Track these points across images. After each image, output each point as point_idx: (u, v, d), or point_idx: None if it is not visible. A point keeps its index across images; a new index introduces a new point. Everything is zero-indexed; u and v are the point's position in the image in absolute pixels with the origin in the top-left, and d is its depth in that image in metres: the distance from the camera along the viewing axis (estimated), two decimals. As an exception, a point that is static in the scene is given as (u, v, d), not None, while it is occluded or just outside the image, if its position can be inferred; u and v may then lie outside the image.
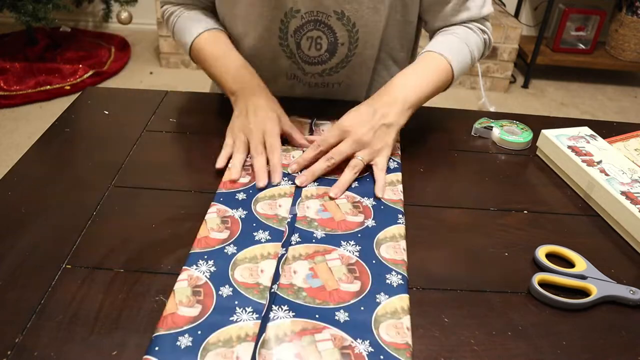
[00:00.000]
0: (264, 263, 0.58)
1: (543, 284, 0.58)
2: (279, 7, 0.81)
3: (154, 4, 2.59)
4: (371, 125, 0.72)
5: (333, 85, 0.93)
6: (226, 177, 0.71)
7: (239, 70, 0.83)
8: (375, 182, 0.70)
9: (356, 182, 0.72)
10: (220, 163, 0.72)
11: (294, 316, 0.52)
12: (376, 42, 0.87)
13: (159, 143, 0.80)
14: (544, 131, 0.81)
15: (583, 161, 0.74)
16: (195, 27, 0.87)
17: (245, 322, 0.51)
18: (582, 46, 2.85)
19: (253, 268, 0.57)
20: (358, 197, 0.69)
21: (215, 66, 0.84)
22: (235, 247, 0.60)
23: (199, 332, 0.50)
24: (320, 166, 0.71)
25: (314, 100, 0.94)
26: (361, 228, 0.64)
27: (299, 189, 0.70)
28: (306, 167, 0.72)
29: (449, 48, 0.82)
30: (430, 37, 0.90)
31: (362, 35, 0.85)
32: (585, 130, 0.83)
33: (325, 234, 0.62)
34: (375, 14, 0.82)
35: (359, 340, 0.50)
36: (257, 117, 0.76)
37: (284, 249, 0.60)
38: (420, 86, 0.78)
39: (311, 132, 0.82)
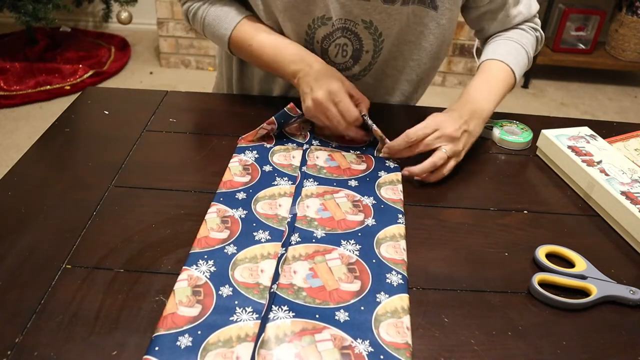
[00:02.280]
0: (264, 263, 0.58)
1: (543, 284, 0.58)
2: (308, 12, 0.81)
3: (154, 4, 2.59)
4: (459, 126, 0.75)
5: None
6: (226, 176, 0.71)
7: (291, 50, 0.83)
8: (428, 159, 0.73)
9: (356, 182, 0.72)
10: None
11: (294, 316, 0.52)
12: (399, 55, 0.88)
13: (159, 143, 0.80)
14: (544, 131, 0.81)
15: (583, 161, 0.74)
16: (231, 17, 0.85)
17: (245, 322, 0.51)
18: (582, 46, 2.85)
19: (253, 268, 0.57)
20: (358, 196, 0.69)
21: (266, 54, 0.83)
22: (235, 247, 0.60)
23: (199, 332, 0.50)
24: (404, 153, 0.75)
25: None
26: (361, 227, 0.64)
27: (299, 187, 0.70)
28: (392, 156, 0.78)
29: (507, 53, 0.85)
30: (483, 44, 0.93)
31: (386, 45, 0.86)
32: (585, 130, 0.83)
33: (325, 233, 0.62)
34: (400, 23, 0.83)
35: (359, 340, 0.50)
36: (322, 87, 0.77)
37: (284, 248, 0.60)
38: (494, 96, 0.82)
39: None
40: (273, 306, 0.53)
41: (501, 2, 0.87)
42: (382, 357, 0.49)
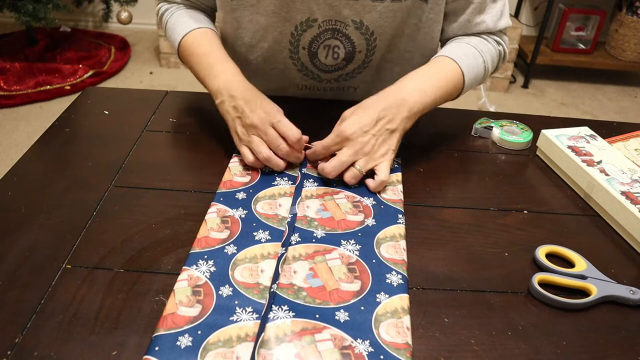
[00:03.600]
0: (264, 263, 0.58)
1: (543, 284, 0.58)
2: (290, 19, 0.80)
3: (154, 4, 2.58)
4: (373, 133, 0.69)
5: (349, 89, 0.93)
6: (226, 176, 0.71)
7: (225, 65, 0.78)
8: (375, 178, 0.69)
9: (356, 182, 0.71)
10: (252, 163, 0.71)
11: (294, 316, 0.52)
12: (394, 48, 0.87)
13: (159, 143, 0.80)
14: (544, 131, 0.81)
15: (583, 161, 0.74)
16: (187, 24, 0.84)
17: (245, 322, 0.51)
18: (582, 46, 2.85)
19: (253, 268, 0.57)
20: (358, 197, 0.69)
21: (202, 64, 0.80)
22: (235, 247, 0.60)
23: (199, 332, 0.50)
24: (325, 172, 0.69)
25: (324, 102, 0.93)
26: (361, 227, 0.64)
27: (299, 188, 0.70)
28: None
29: (463, 54, 0.80)
30: (443, 46, 0.88)
31: (379, 43, 0.84)
32: (585, 130, 0.83)
33: (325, 233, 0.62)
34: (393, 21, 0.82)
35: (359, 340, 0.50)
36: (255, 110, 0.71)
37: (284, 248, 0.60)
38: (430, 91, 0.75)
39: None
40: (273, 306, 0.53)
41: (464, 3, 0.82)
42: (382, 357, 0.49)
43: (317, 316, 0.52)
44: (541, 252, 0.62)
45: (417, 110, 0.73)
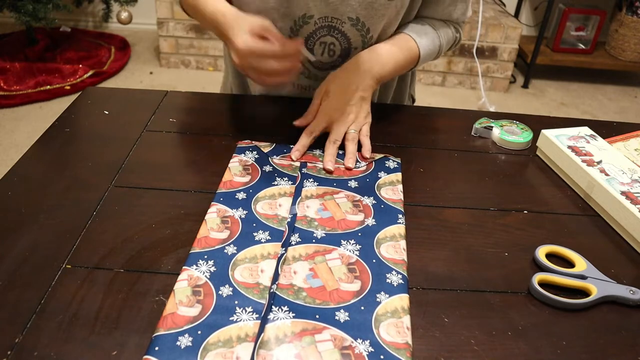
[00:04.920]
0: (264, 263, 0.58)
1: (543, 284, 0.58)
2: (289, 14, 0.81)
3: (154, 4, 2.59)
4: (352, 103, 0.80)
5: None
6: (226, 176, 0.71)
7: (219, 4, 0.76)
8: (362, 147, 0.78)
9: (356, 182, 0.72)
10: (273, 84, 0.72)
11: (294, 317, 0.52)
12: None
13: (159, 143, 0.80)
14: (544, 131, 0.81)
15: (583, 161, 0.74)
16: None
17: (245, 322, 0.51)
18: (582, 46, 2.85)
19: (253, 268, 0.57)
20: (358, 196, 0.69)
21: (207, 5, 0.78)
22: (235, 247, 0.60)
23: (199, 332, 0.50)
24: (333, 151, 0.76)
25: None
26: (361, 227, 0.64)
27: (299, 188, 0.70)
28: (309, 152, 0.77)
29: (423, 33, 0.88)
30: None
31: (375, 40, 0.86)
32: (585, 130, 0.83)
33: (325, 233, 0.62)
34: (388, 18, 0.83)
35: (359, 340, 0.50)
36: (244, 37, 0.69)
37: (284, 248, 0.60)
38: (388, 63, 0.84)
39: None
40: (273, 306, 0.53)
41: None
42: (382, 357, 0.49)
43: (317, 316, 0.52)
44: (541, 252, 0.62)
45: (379, 79, 0.84)
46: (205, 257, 0.58)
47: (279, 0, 0.79)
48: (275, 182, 0.71)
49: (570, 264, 0.62)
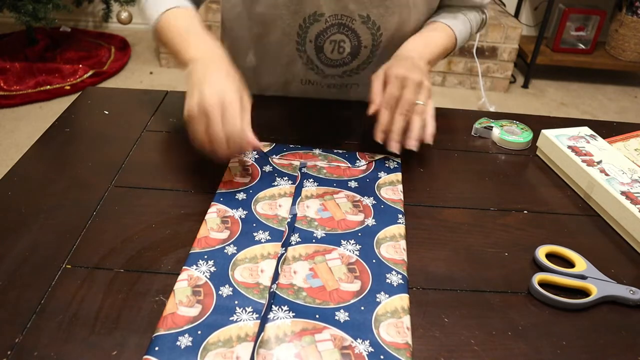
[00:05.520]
0: (264, 263, 0.58)
1: (543, 284, 0.58)
2: (299, 12, 0.81)
3: (154, 4, 2.59)
4: (419, 69, 0.75)
5: (351, 86, 0.93)
6: (226, 176, 0.71)
7: (204, 38, 0.72)
8: (426, 126, 0.73)
9: (356, 182, 0.72)
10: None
11: (294, 316, 0.52)
12: (399, 43, 0.88)
13: (159, 143, 0.80)
14: (544, 131, 0.81)
15: (583, 161, 0.74)
16: (168, 2, 0.77)
17: (245, 322, 0.51)
18: (582, 46, 2.85)
19: (253, 268, 0.57)
20: (358, 196, 0.69)
21: (179, 38, 0.74)
22: (235, 247, 0.60)
23: (199, 332, 0.50)
24: (401, 125, 0.72)
25: (327, 102, 0.93)
26: (361, 227, 0.64)
27: (299, 188, 0.70)
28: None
29: (453, 18, 0.88)
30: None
31: (385, 39, 0.86)
32: (585, 130, 0.83)
33: (325, 233, 0.62)
34: (399, 17, 0.83)
35: (359, 340, 0.50)
36: (213, 89, 0.64)
37: (284, 248, 0.60)
38: (436, 47, 0.83)
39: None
40: (273, 306, 0.53)
41: None
42: (382, 357, 0.49)
43: (317, 316, 0.52)
44: (541, 252, 0.62)
45: (431, 62, 0.82)
46: (205, 257, 0.58)
47: None
48: (275, 182, 0.71)
49: (570, 264, 0.62)
